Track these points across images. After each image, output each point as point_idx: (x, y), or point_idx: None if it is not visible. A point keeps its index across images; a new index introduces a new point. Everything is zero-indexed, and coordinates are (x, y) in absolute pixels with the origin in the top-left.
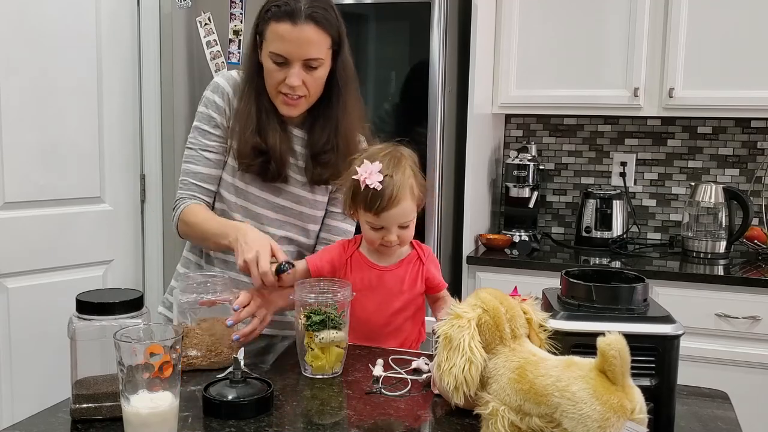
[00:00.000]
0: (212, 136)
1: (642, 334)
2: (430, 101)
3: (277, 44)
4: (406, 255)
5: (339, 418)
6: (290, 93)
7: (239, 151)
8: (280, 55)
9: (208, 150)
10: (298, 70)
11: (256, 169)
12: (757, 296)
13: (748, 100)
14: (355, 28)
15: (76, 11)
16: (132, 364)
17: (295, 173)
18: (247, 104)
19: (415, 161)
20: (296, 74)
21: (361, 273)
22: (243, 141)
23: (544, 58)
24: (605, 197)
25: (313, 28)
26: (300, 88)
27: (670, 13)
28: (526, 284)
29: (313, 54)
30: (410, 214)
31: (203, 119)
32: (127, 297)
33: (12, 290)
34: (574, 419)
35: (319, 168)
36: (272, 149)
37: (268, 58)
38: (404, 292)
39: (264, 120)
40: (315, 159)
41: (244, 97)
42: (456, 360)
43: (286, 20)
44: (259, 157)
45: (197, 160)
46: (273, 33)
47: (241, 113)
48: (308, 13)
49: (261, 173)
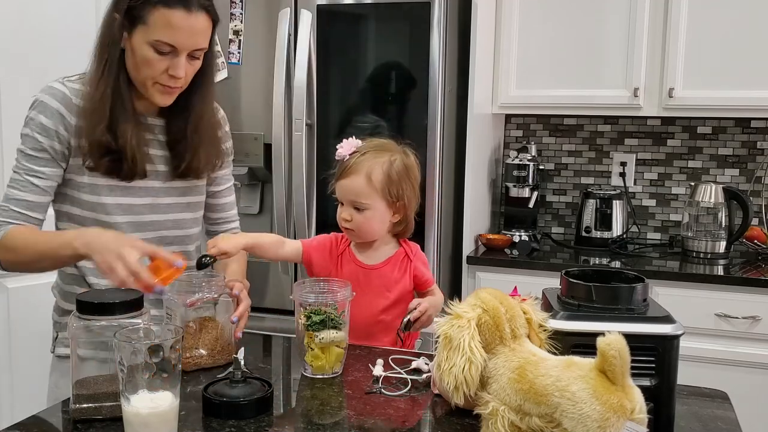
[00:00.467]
0: (39, 161)
1: (642, 334)
2: (430, 101)
3: (166, 32)
4: (393, 253)
5: (339, 418)
6: (171, 84)
7: (88, 151)
8: (168, 44)
9: (35, 175)
10: (184, 59)
11: (105, 168)
12: (757, 296)
13: (748, 100)
14: (355, 28)
15: (76, 11)
16: (132, 364)
17: (162, 165)
18: (103, 97)
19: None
20: (183, 64)
21: (350, 270)
22: (92, 139)
23: (544, 58)
24: (605, 197)
25: (204, 17)
26: (182, 78)
27: (670, 13)
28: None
29: (201, 44)
30: (362, 195)
31: (28, 142)
32: (127, 297)
33: (12, 290)
34: (574, 419)
35: (178, 157)
36: (122, 147)
37: (148, 46)
38: (392, 290)
39: (118, 114)
40: (172, 148)
41: (99, 89)
42: (456, 360)
43: (179, 7)
44: (107, 155)
45: (23, 187)
46: (162, 20)
47: (92, 108)
48: (201, 2)
49: (114, 172)
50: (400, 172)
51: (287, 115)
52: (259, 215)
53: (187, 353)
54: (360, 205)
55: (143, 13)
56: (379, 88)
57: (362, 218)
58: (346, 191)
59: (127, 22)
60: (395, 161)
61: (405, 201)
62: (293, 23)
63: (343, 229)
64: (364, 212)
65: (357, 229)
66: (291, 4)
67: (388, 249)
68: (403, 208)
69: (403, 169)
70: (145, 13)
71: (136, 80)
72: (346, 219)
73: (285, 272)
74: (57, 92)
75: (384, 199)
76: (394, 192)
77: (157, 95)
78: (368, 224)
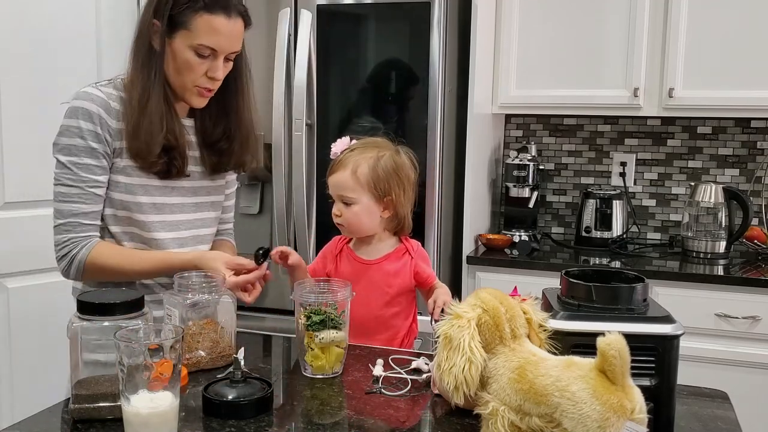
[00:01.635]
0: (98, 170)
1: (642, 334)
2: (430, 101)
3: (209, 37)
4: (393, 249)
5: (339, 418)
6: (209, 86)
7: (146, 153)
8: (210, 47)
9: (96, 185)
10: (223, 62)
11: (160, 167)
12: (757, 296)
13: (748, 100)
14: (355, 28)
15: (76, 11)
16: (132, 364)
17: (193, 165)
18: (158, 103)
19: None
20: (222, 67)
21: (349, 266)
22: (154, 143)
23: (544, 57)
24: (605, 197)
25: (241, 22)
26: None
27: (670, 13)
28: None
29: (238, 47)
30: (347, 189)
31: (82, 152)
32: (127, 297)
33: (12, 290)
34: (574, 419)
35: (216, 156)
36: (182, 146)
37: (191, 50)
38: (391, 285)
39: (170, 118)
40: (210, 148)
41: (153, 95)
42: (456, 360)
43: (221, 13)
44: (165, 156)
45: (87, 199)
46: (206, 25)
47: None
48: (238, 8)
49: (164, 171)
50: (386, 168)
51: (287, 115)
52: (259, 215)
53: (186, 354)
54: (347, 199)
55: (185, 19)
56: (379, 88)
57: (350, 213)
58: (335, 186)
59: (168, 29)
60: (383, 157)
61: (393, 197)
62: (293, 23)
63: (336, 224)
64: (352, 207)
65: (347, 224)
66: (291, 4)
67: (388, 245)
68: (392, 203)
69: (391, 166)
70: (187, 19)
71: (174, 83)
72: (336, 214)
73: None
74: (95, 97)
75: (370, 194)
76: (381, 187)
77: (195, 98)
78: (356, 218)
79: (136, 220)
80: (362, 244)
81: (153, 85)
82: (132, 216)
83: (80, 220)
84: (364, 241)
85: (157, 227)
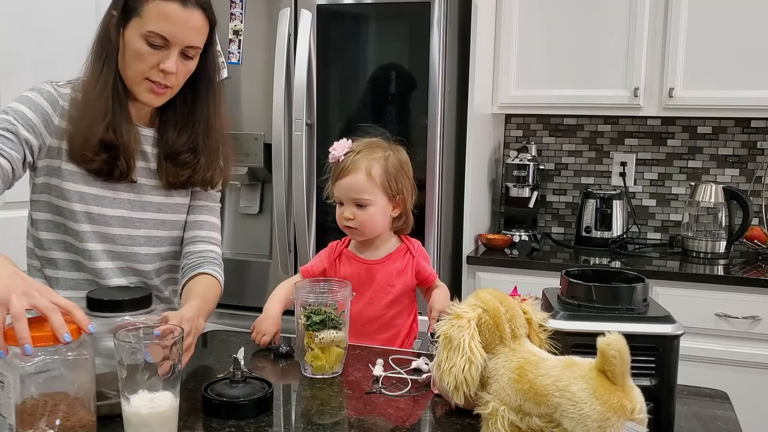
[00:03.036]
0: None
1: (642, 334)
2: (430, 101)
3: (161, 24)
4: (395, 249)
5: (339, 418)
6: (160, 80)
7: (84, 145)
8: (161, 36)
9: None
10: (176, 56)
11: (99, 164)
12: (757, 296)
13: (748, 100)
14: (355, 28)
15: (76, 11)
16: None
17: (144, 178)
18: (103, 92)
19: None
20: (174, 60)
21: (351, 268)
22: (92, 134)
23: (544, 58)
24: (605, 197)
25: (200, 15)
26: (172, 76)
27: (670, 13)
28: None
29: (195, 41)
30: (363, 192)
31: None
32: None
33: None
34: (574, 419)
35: (176, 168)
36: (124, 145)
37: (142, 39)
38: (395, 285)
39: (117, 113)
40: (171, 159)
41: (99, 83)
42: (456, 360)
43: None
44: (105, 152)
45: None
46: (157, 11)
47: (92, 104)
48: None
49: (105, 170)
50: (396, 167)
51: (287, 115)
52: (259, 215)
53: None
54: (363, 201)
55: (138, 5)
56: (379, 88)
57: (365, 215)
58: (348, 190)
59: (123, 17)
60: (390, 156)
61: (404, 194)
62: (293, 23)
63: (345, 228)
64: (367, 208)
65: (360, 227)
66: (291, 4)
67: (390, 245)
68: (403, 201)
69: (398, 164)
70: (139, 5)
71: (126, 77)
72: (348, 218)
73: (285, 272)
74: (44, 91)
75: (385, 194)
76: (394, 186)
77: (145, 93)
78: (372, 220)
79: (69, 228)
80: (365, 245)
81: (101, 77)
82: (66, 223)
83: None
84: (367, 242)
85: (88, 237)
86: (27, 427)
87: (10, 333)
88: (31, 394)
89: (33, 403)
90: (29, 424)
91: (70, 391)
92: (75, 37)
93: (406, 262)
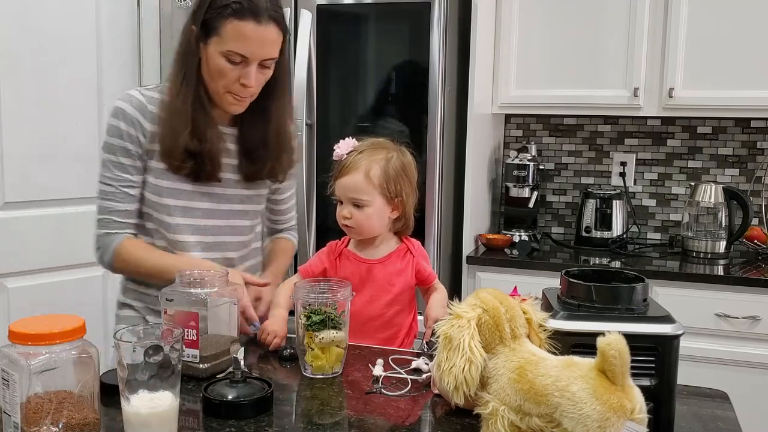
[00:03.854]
0: (131, 168)
1: (642, 334)
2: (430, 101)
3: (239, 43)
4: (395, 248)
5: (339, 418)
6: (240, 93)
7: (171, 155)
8: (239, 54)
9: (130, 186)
10: (255, 69)
11: (187, 171)
12: (757, 296)
13: (748, 100)
14: (355, 28)
15: (76, 11)
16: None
17: (229, 173)
18: (185, 104)
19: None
20: (254, 74)
21: (351, 268)
22: (177, 144)
23: (544, 58)
24: (605, 197)
25: (274, 28)
26: (252, 87)
27: (670, 13)
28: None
29: (272, 54)
30: (361, 192)
31: (118, 151)
32: None
33: (12, 290)
34: (574, 419)
35: (254, 164)
36: (208, 152)
37: (221, 56)
38: (394, 284)
39: (201, 120)
40: (248, 155)
41: (181, 97)
42: (456, 360)
43: (250, 19)
44: (191, 159)
45: (120, 198)
46: (234, 31)
47: (175, 114)
48: (271, 13)
49: (192, 175)
50: (397, 169)
51: None
52: None
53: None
54: (359, 201)
55: (217, 24)
56: (379, 88)
57: (362, 215)
58: (346, 189)
59: (203, 34)
60: (392, 158)
61: (403, 197)
62: (293, 23)
63: (343, 226)
64: (364, 209)
65: (357, 227)
66: (291, 4)
67: (390, 245)
68: (402, 204)
69: (400, 166)
70: (218, 24)
71: (210, 89)
72: (345, 216)
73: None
74: (133, 99)
75: (383, 196)
76: (393, 188)
77: (229, 104)
78: (368, 221)
79: (161, 221)
80: (364, 245)
81: (183, 87)
82: (159, 217)
83: (113, 218)
84: (367, 242)
85: (181, 230)
86: (32, 425)
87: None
88: (36, 393)
89: (38, 401)
90: (34, 422)
91: (75, 390)
92: (75, 37)
93: (406, 262)
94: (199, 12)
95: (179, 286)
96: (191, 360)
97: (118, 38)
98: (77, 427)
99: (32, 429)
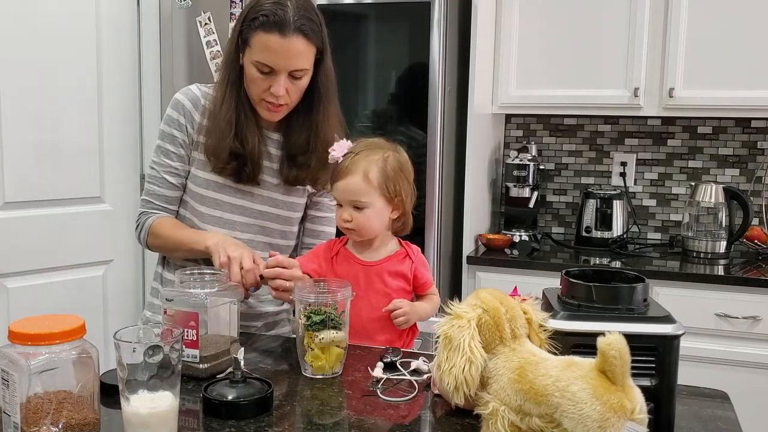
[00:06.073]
0: (174, 156)
1: (642, 334)
2: (430, 101)
3: (264, 54)
4: (394, 252)
5: (339, 419)
6: (273, 101)
7: (216, 155)
8: (266, 65)
9: (171, 172)
10: (284, 80)
11: (230, 171)
12: (757, 296)
13: (748, 100)
14: (355, 28)
15: (76, 11)
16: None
17: (268, 176)
18: (228, 109)
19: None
20: (282, 84)
21: (348, 268)
22: (222, 146)
23: (544, 57)
24: (605, 197)
25: (301, 40)
26: (284, 97)
27: (670, 13)
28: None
29: (300, 65)
30: (360, 194)
31: (165, 138)
32: None
33: (12, 290)
34: (574, 419)
35: (295, 169)
36: (250, 153)
37: (253, 66)
38: (393, 286)
39: (243, 124)
40: (291, 160)
41: (225, 101)
42: (456, 360)
43: (275, 31)
44: (235, 160)
45: (160, 183)
46: (260, 43)
47: (220, 117)
48: (297, 25)
49: (235, 175)
50: (395, 168)
51: None
52: None
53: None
54: (360, 204)
55: (248, 36)
56: (379, 88)
57: (363, 217)
58: (345, 192)
59: (241, 43)
60: (389, 158)
61: (402, 196)
62: None
63: (344, 229)
64: (364, 211)
65: (358, 228)
66: None
67: (389, 248)
68: (401, 203)
69: (397, 165)
70: (249, 36)
71: (252, 98)
72: (346, 219)
73: None
74: (189, 92)
75: (382, 196)
76: (392, 188)
77: (263, 111)
78: (369, 222)
79: (194, 209)
80: (363, 246)
81: (227, 93)
82: (194, 206)
83: (152, 200)
84: (366, 243)
85: (209, 221)
86: (32, 425)
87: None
88: (36, 393)
89: (38, 401)
90: (34, 422)
91: (74, 390)
92: (75, 37)
93: (405, 266)
94: (238, 22)
95: (179, 286)
96: (191, 360)
97: (118, 38)
98: (77, 427)
99: (32, 429)
